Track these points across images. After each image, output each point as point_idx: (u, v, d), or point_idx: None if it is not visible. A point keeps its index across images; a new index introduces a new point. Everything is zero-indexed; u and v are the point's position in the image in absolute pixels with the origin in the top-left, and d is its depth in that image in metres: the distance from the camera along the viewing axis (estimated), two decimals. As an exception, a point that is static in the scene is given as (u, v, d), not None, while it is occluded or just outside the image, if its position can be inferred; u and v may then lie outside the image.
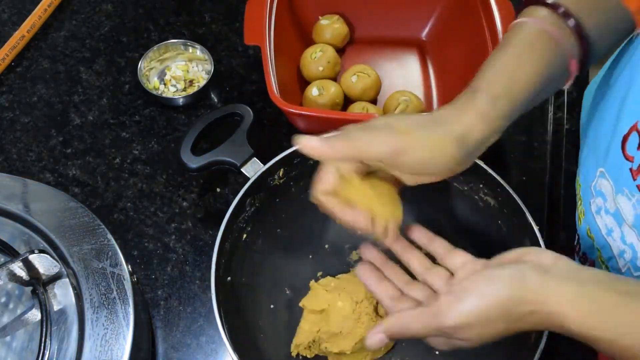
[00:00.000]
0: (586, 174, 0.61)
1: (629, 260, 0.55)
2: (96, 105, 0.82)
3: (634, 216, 0.52)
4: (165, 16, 0.90)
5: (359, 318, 0.61)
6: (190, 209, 0.74)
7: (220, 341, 0.65)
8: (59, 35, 0.88)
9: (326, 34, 0.84)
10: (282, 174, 0.65)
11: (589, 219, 0.60)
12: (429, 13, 0.86)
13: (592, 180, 0.59)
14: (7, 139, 0.79)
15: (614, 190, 0.54)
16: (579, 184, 0.62)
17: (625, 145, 0.53)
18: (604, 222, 0.57)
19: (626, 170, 0.52)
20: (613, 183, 0.55)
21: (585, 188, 0.60)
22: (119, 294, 0.54)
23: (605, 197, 0.56)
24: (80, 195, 0.74)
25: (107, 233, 0.57)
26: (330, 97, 0.77)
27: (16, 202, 0.59)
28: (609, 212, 0.56)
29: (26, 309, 0.52)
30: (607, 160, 0.56)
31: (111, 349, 0.51)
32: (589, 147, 0.62)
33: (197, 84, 0.83)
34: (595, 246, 0.60)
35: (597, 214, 0.58)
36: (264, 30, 0.74)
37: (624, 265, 0.55)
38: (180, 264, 0.70)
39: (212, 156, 0.67)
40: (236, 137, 0.68)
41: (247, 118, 0.69)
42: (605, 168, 0.56)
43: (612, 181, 0.55)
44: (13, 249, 0.54)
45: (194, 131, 0.69)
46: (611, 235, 0.56)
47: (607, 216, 0.56)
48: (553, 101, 0.82)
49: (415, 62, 0.86)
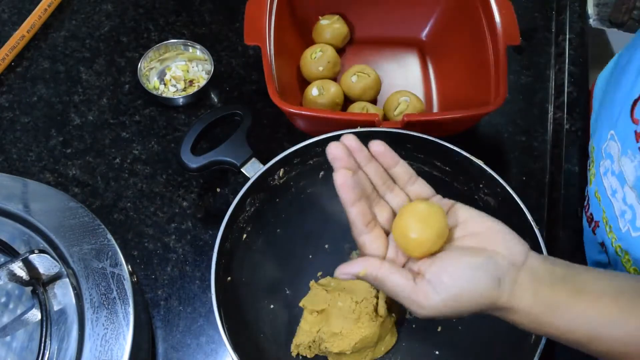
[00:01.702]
0: (599, 136, 0.62)
1: (629, 221, 0.56)
2: (96, 105, 0.82)
3: (634, 177, 0.54)
4: (165, 16, 0.90)
5: (359, 318, 0.61)
6: (190, 209, 0.74)
7: (220, 341, 0.65)
8: (59, 35, 0.88)
9: (326, 34, 0.84)
10: (282, 174, 0.65)
11: (597, 179, 0.62)
12: (429, 13, 0.86)
13: (604, 142, 0.61)
14: (7, 139, 0.79)
15: (620, 151, 0.57)
16: (593, 147, 0.64)
17: (634, 109, 0.55)
18: (609, 182, 0.59)
19: (632, 132, 0.54)
20: (620, 145, 0.57)
21: (598, 150, 0.62)
22: (119, 294, 0.54)
23: (613, 159, 0.58)
24: (80, 195, 0.74)
25: (107, 233, 0.57)
26: (330, 97, 0.77)
27: (16, 202, 0.59)
28: (615, 174, 0.58)
29: (26, 309, 0.52)
30: (617, 123, 0.58)
31: (111, 349, 0.51)
32: (604, 111, 0.63)
33: (197, 84, 0.83)
34: (600, 206, 0.61)
35: (604, 175, 0.60)
36: (264, 30, 0.74)
37: (624, 225, 0.57)
38: (180, 264, 0.70)
39: (212, 156, 0.67)
40: (236, 137, 0.68)
41: (247, 118, 0.69)
42: (615, 130, 0.58)
43: (619, 143, 0.57)
44: (13, 249, 0.54)
45: (194, 131, 0.69)
46: (615, 196, 0.58)
47: (612, 177, 0.59)
48: (553, 101, 0.83)
49: (415, 62, 0.86)
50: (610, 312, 0.43)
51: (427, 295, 0.44)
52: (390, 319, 0.64)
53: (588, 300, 0.43)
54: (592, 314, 0.43)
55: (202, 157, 0.67)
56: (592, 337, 0.43)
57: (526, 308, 0.44)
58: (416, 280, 0.45)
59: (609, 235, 0.60)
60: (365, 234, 0.48)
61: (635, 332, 0.42)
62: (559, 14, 0.90)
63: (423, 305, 0.45)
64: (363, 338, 0.61)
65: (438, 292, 0.44)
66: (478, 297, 0.44)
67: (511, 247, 0.46)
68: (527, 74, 0.85)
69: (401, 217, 0.48)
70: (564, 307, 0.44)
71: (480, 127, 0.80)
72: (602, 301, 0.43)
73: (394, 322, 0.65)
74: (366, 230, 0.48)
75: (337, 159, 0.48)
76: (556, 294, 0.44)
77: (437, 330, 0.65)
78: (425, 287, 0.45)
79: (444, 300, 0.44)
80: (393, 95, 0.78)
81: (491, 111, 0.70)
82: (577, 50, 0.86)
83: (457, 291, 0.44)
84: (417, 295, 0.45)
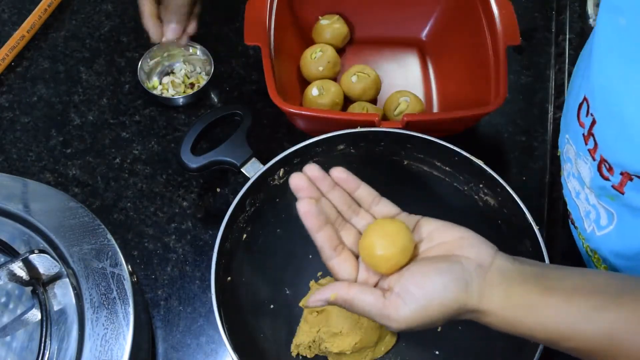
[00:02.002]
0: (561, 141, 0.63)
1: (594, 220, 0.57)
2: (96, 105, 0.82)
3: (590, 178, 0.54)
4: (165, 16, 0.90)
5: (359, 318, 0.61)
6: (190, 209, 0.74)
7: (220, 341, 0.65)
8: (59, 35, 0.88)
9: (326, 34, 0.84)
10: (282, 174, 0.65)
11: (564, 184, 0.63)
12: (429, 13, 0.86)
13: (564, 146, 0.62)
14: (7, 139, 0.79)
15: (575, 154, 0.57)
16: (559, 152, 0.65)
17: (579, 112, 0.55)
18: (572, 185, 0.60)
19: (580, 135, 0.55)
20: (575, 148, 0.57)
21: (561, 154, 0.64)
22: (119, 294, 0.54)
23: (572, 162, 0.59)
24: (80, 195, 0.74)
25: (107, 233, 0.57)
26: (330, 97, 0.77)
27: (16, 202, 0.59)
28: (575, 176, 0.59)
29: (26, 309, 0.52)
30: (569, 127, 0.59)
31: (111, 349, 0.51)
32: (563, 116, 0.64)
33: (197, 84, 0.83)
34: (567, 208, 0.63)
35: (567, 178, 0.61)
36: (264, 30, 0.74)
37: (588, 225, 0.58)
38: (180, 264, 0.70)
39: (212, 156, 0.67)
40: (236, 137, 0.68)
41: (247, 118, 0.69)
42: (569, 134, 0.59)
43: (574, 146, 0.58)
44: (13, 249, 0.54)
45: (194, 131, 0.69)
46: (579, 197, 0.59)
47: (574, 180, 0.60)
48: (553, 101, 0.83)
49: (415, 62, 0.86)
50: (582, 309, 0.43)
51: (397, 308, 0.45)
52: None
53: (560, 297, 0.43)
54: (564, 311, 0.43)
55: (202, 157, 0.67)
56: (563, 334, 0.43)
57: (497, 309, 0.44)
58: (386, 296, 0.46)
59: (580, 237, 0.61)
60: (334, 258, 0.49)
61: (607, 328, 0.42)
62: (559, 14, 0.90)
63: (394, 318, 0.45)
64: (363, 338, 0.61)
65: (407, 303, 0.45)
66: (447, 302, 0.44)
67: (478, 250, 0.46)
68: (527, 74, 0.85)
69: (366, 236, 0.49)
70: (536, 305, 0.44)
71: (480, 127, 0.80)
72: (574, 298, 0.43)
73: None
74: (334, 255, 0.49)
75: (300, 189, 0.50)
76: (527, 293, 0.44)
77: (437, 330, 0.65)
78: (395, 300, 0.45)
79: (413, 310, 0.45)
80: (393, 95, 0.78)
81: (491, 111, 0.70)
82: (577, 50, 0.85)
83: (426, 299, 0.45)
84: (387, 310, 0.45)
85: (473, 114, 0.70)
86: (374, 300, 0.46)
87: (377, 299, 0.46)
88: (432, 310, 0.45)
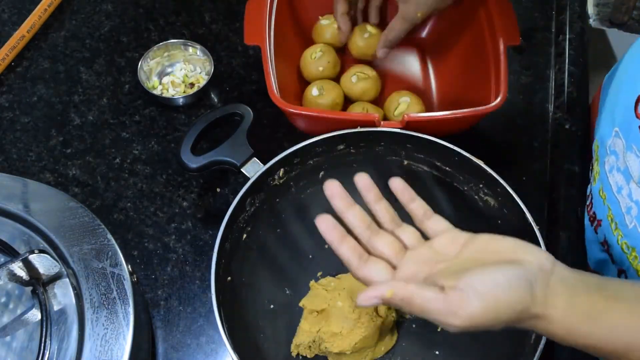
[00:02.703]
0: (603, 133, 0.62)
1: (635, 217, 0.56)
2: (96, 105, 0.82)
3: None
4: (165, 16, 0.90)
5: (359, 318, 0.61)
6: (190, 209, 0.74)
7: (220, 341, 0.65)
8: (59, 35, 0.88)
9: (326, 34, 0.83)
10: (282, 174, 0.65)
11: (602, 177, 0.61)
12: (429, 13, 0.86)
13: (609, 139, 0.60)
14: (7, 139, 0.79)
15: (625, 147, 0.56)
16: (597, 145, 0.64)
17: (638, 104, 0.55)
18: (615, 179, 0.59)
19: (635, 128, 0.54)
20: (625, 141, 0.57)
21: (602, 147, 0.62)
22: (119, 294, 0.54)
23: (618, 155, 0.58)
24: (80, 195, 0.74)
25: (107, 233, 0.57)
26: (330, 97, 0.77)
27: (16, 202, 0.58)
28: (620, 170, 0.58)
29: (26, 309, 0.52)
30: (621, 119, 0.58)
31: (111, 349, 0.51)
32: (607, 109, 0.63)
33: (197, 84, 0.83)
34: (605, 204, 0.61)
35: (609, 172, 0.60)
36: (264, 30, 0.74)
37: (630, 221, 0.57)
38: (180, 264, 0.70)
39: (212, 156, 0.67)
40: (236, 137, 0.68)
41: (247, 118, 0.69)
42: (619, 127, 0.58)
43: (624, 139, 0.57)
44: (13, 249, 0.54)
45: (194, 131, 0.68)
46: (620, 193, 0.58)
47: (618, 174, 0.58)
48: (553, 101, 0.83)
49: (415, 62, 0.86)
50: None
51: (463, 305, 0.43)
52: (391, 319, 0.64)
53: (626, 307, 0.42)
54: (631, 321, 0.42)
55: (202, 157, 0.67)
56: (631, 345, 0.42)
57: (561, 316, 0.43)
58: (447, 292, 0.44)
59: (615, 233, 0.60)
60: (364, 266, 0.49)
61: None
62: (559, 14, 0.90)
63: (459, 314, 0.43)
64: (363, 338, 0.61)
65: (474, 300, 0.42)
66: (513, 302, 0.43)
67: (538, 255, 0.45)
68: (527, 74, 0.85)
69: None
70: (602, 314, 0.43)
71: (480, 127, 0.80)
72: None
73: (394, 322, 0.65)
74: (362, 263, 0.49)
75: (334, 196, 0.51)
76: (593, 302, 0.43)
77: (437, 330, 0.65)
78: (459, 296, 0.43)
79: (481, 307, 0.42)
80: (393, 95, 0.78)
81: (491, 111, 0.70)
82: (577, 50, 0.85)
83: (494, 297, 0.43)
84: (452, 306, 0.43)
85: (473, 114, 0.70)
86: (435, 296, 0.43)
87: (438, 295, 0.43)
88: (499, 308, 0.43)
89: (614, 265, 0.61)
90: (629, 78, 0.60)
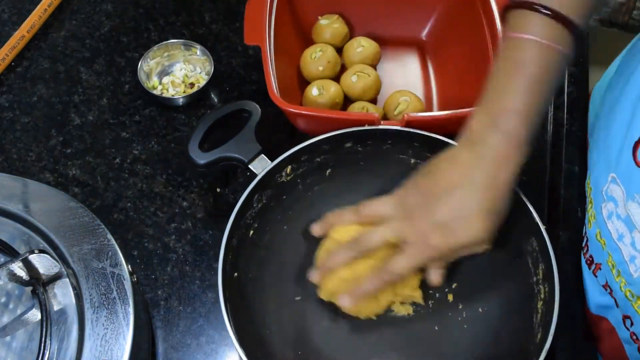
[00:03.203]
0: (597, 177, 0.60)
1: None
2: (96, 105, 0.82)
3: None
4: (165, 16, 0.90)
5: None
6: (190, 209, 0.74)
7: (221, 341, 0.65)
8: (59, 35, 0.88)
9: (326, 34, 0.84)
10: (289, 171, 0.65)
11: (600, 222, 0.59)
12: (429, 13, 0.86)
13: (604, 185, 0.58)
14: (7, 139, 0.79)
15: (625, 196, 0.54)
16: (590, 187, 0.62)
17: (637, 151, 0.53)
18: (615, 227, 0.57)
19: (637, 176, 0.52)
20: (624, 189, 0.54)
21: (596, 192, 0.60)
22: (119, 294, 0.54)
23: (617, 203, 0.56)
24: (80, 195, 0.74)
25: (107, 233, 0.57)
26: (330, 96, 0.77)
27: (16, 202, 0.58)
28: (620, 218, 0.56)
29: (26, 309, 0.52)
30: (618, 166, 0.56)
31: (111, 349, 0.51)
32: (599, 150, 0.61)
33: (197, 84, 0.83)
34: (605, 249, 0.59)
35: (608, 219, 0.58)
36: (264, 30, 0.74)
37: (635, 270, 0.55)
38: (180, 264, 0.70)
39: (220, 152, 0.67)
40: (244, 133, 0.68)
41: (255, 115, 0.69)
42: (616, 174, 0.56)
43: (623, 187, 0.55)
44: (13, 249, 0.54)
45: (202, 127, 0.68)
46: (622, 241, 0.56)
47: (618, 221, 0.56)
48: (553, 101, 0.82)
49: (415, 61, 0.86)
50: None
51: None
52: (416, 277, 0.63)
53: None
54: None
55: (210, 153, 0.67)
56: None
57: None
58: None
59: (617, 279, 0.58)
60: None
61: None
62: (559, 13, 0.90)
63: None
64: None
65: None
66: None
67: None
68: (527, 73, 0.85)
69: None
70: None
71: (480, 127, 0.80)
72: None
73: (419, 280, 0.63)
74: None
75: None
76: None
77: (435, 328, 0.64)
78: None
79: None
80: (393, 95, 0.78)
81: (491, 111, 0.69)
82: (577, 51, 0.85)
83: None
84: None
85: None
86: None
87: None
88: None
89: (618, 310, 0.59)
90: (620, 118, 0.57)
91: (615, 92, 0.60)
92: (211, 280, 0.69)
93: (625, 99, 0.57)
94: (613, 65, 0.69)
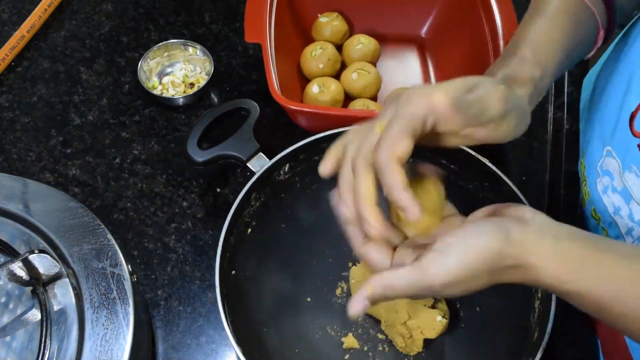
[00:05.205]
0: (591, 153, 0.60)
1: (637, 238, 0.55)
2: (96, 105, 0.82)
3: None
4: (165, 16, 0.90)
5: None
6: (190, 209, 0.74)
7: (221, 341, 0.65)
8: (59, 35, 0.88)
9: (326, 32, 0.84)
10: (287, 169, 0.65)
11: (594, 199, 0.59)
12: (428, 10, 0.86)
13: (599, 160, 0.58)
14: (7, 139, 0.79)
15: (621, 167, 0.55)
16: (584, 165, 0.62)
17: (633, 122, 0.53)
18: (611, 200, 0.57)
19: (634, 146, 0.53)
20: (620, 161, 0.55)
21: (591, 168, 0.60)
22: (119, 294, 0.54)
23: (612, 176, 0.56)
24: (80, 195, 0.74)
25: (107, 233, 0.57)
26: (330, 94, 0.77)
27: (16, 202, 0.58)
28: (617, 190, 0.56)
29: (26, 309, 0.52)
30: (613, 139, 0.56)
31: (111, 349, 0.51)
32: (593, 129, 0.61)
33: (197, 84, 0.83)
34: (601, 226, 0.59)
35: (603, 194, 0.58)
36: (264, 28, 0.74)
37: (632, 242, 0.55)
38: (180, 264, 0.70)
39: (218, 150, 0.67)
40: (242, 131, 0.68)
41: (253, 113, 0.69)
42: (612, 146, 0.56)
43: (619, 159, 0.55)
44: (13, 249, 0.54)
45: (200, 125, 0.68)
46: (619, 214, 0.56)
47: (614, 194, 0.56)
48: (553, 101, 0.82)
49: (415, 59, 0.86)
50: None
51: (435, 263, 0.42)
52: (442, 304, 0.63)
53: (615, 258, 0.41)
54: (620, 271, 0.41)
55: (208, 151, 0.67)
56: (618, 296, 0.41)
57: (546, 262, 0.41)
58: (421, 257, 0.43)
59: None
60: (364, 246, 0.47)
61: None
62: (559, 12, 0.90)
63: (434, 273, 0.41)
64: None
65: (446, 255, 0.42)
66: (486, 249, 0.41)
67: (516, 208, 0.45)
68: (528, 72, 0.85)
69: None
70: (591, 262, 0.41)
71: (480, 126, 0.80)
72: (630, 260, 0.41)
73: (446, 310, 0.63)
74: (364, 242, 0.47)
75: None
76: (582, 250, 0.42)
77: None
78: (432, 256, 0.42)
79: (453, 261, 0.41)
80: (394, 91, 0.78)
81: (491, 110, 0.69)
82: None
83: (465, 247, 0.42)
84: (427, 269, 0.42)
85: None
86: (411, 269, 0.42)
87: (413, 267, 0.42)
88: (471, 258, 0.41)
89: None
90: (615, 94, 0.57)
91: (611, 70, 0.60)
92: (211, 280, 0.69)
93: (619, 73, 0.57)
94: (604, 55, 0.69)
